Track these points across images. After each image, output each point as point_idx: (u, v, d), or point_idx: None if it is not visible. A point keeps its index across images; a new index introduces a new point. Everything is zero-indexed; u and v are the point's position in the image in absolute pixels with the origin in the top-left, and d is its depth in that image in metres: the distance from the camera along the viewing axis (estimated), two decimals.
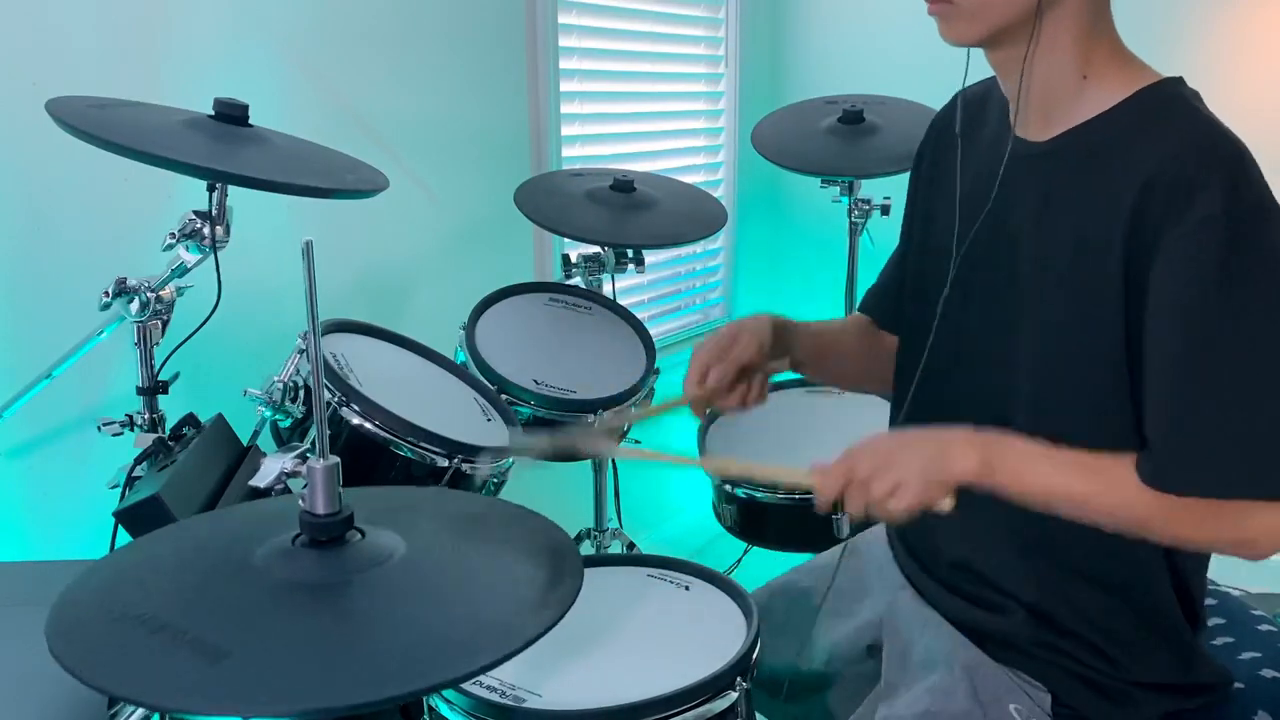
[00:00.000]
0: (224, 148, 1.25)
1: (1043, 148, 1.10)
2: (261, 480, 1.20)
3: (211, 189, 1.30)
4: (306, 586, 0.81)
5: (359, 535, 0.85)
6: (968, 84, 1.22)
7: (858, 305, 1.45)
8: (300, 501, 0.84)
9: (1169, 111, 1.03)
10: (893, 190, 2.37)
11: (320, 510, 0.84)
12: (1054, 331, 1.08)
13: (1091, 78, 1.06)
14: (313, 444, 1.26)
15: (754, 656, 1.15)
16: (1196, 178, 0.96)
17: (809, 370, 1.38)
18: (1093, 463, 1.02)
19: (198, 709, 0.71)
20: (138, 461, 1.31)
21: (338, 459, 0.85)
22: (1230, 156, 0.98)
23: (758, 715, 1.25)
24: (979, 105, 1.23)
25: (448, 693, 1.11)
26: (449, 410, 1.59)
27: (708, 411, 1.28)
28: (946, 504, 1.02)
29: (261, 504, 1.18)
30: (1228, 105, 1.09)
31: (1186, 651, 1.13)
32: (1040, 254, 1.09)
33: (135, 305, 1.34)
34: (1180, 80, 1.07)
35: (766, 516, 1.82)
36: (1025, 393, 1.11)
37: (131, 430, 1.39)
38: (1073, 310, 1.06)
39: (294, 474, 1.21)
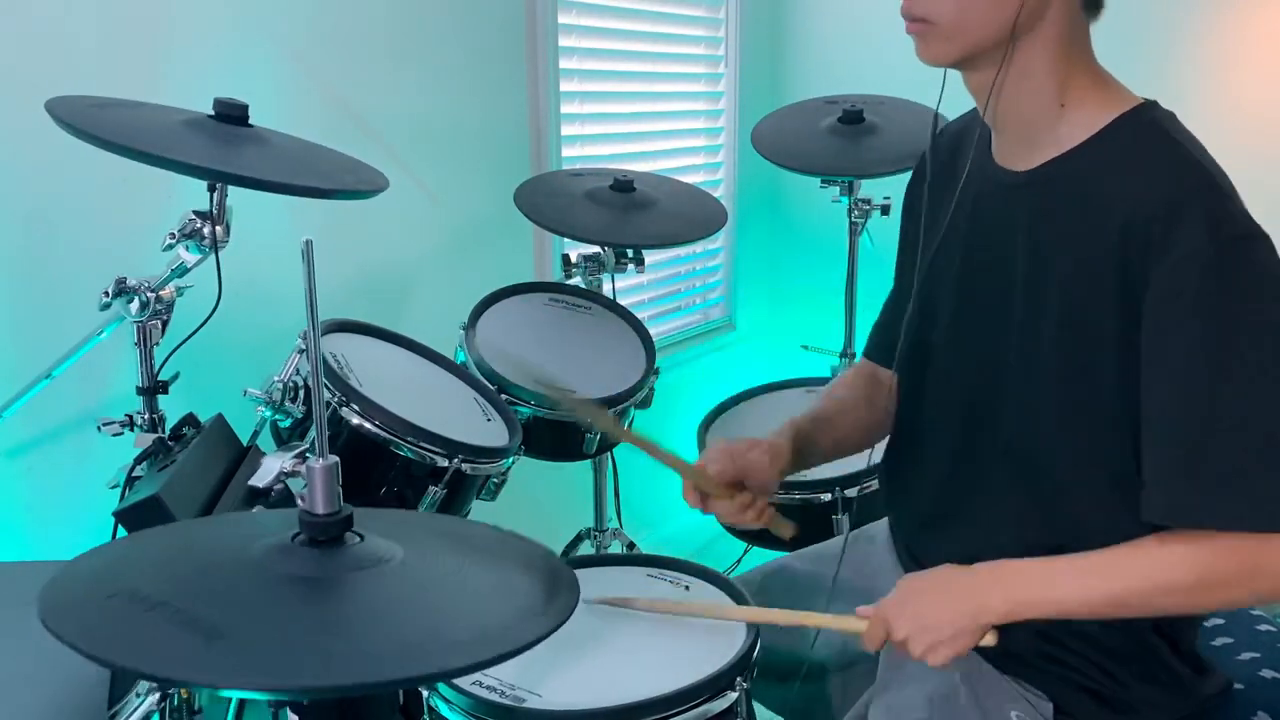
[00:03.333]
0: (224, 148, 1.25)
1: (1024, 178, 1.10)
2: (260, 479, 1.20)
3: (212, 189, 1.30)
4: (304, 579, 0.81)
5: (358, 538, 0.85)
6: (942, 110, 1.22)
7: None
8: (299, 501, 0.84)
9: (1144, 143, 1.03)
10: (893, 190, 2.37)
11: (319, 510, 0.84)
12: (1043, 365, 1.08)
13: (1069, 105, 1.07)
14: (312, 443, 1.26)
15: (754, 656, 1.15)
16: (1174, 215, 0.96)
17: (826, 460, 1.39)
18: (1117, 556, 1.02)
19: (193, 679, 0.72)
20: (138, 461, 1.31)
21: (337, 458, 0.85)
22: (1206, 188, 0.98)
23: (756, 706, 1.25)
24: (957, 139, 1.23)
25: (448, 692, 1.11)
26: (449, 410, 1.59)
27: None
28: (989, 640, 1.05)
29: (260, 512, 1.18)
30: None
31: (1185, 678, 1.13)
32: (1030, 288, 1.09)
33: (135, 305, 1.34)
34: (1154, 104, 1.07)
35: None
36: (1010, 429, 1.12)
37: (131, 430, 1.39)
38: (1064, 349, 1.06)
39: (293, 473, 1.21)
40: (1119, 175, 1.02)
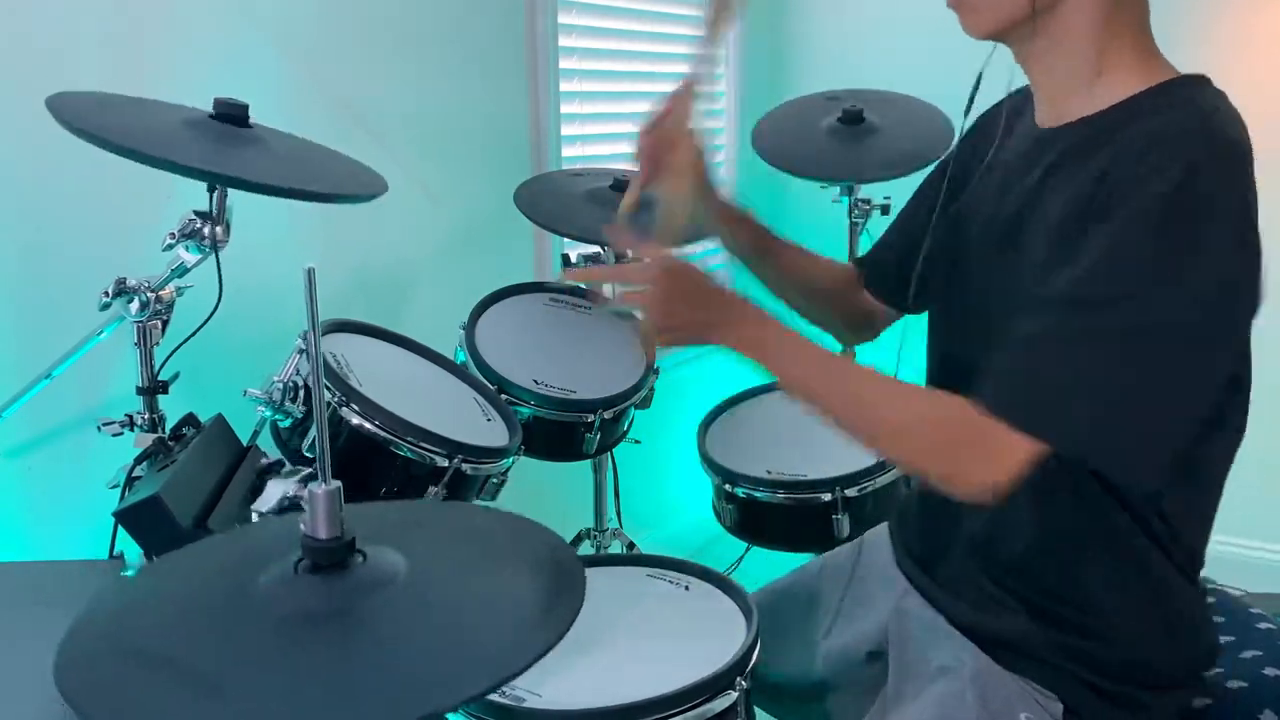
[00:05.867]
0: (224, 149, 1.25)
1: (1049, 134, 1.11)
2: (263, 505, 1.19)
3: (212, 190, 1.30)
4: (308, 617, 0.80)
5: (361, 558, 0.85)
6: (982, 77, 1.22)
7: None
8: (302, 526, 0.84)
9: (1167, 103, 1.02)
10: (893, 190, 2.37)
11: (322, 535, 0.83)
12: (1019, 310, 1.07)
13: (1106, 74, 1.06)
14: (315, 468, 1.25)
15: (753, 656, 1.15)
16: (1161, 159, 0.95)
17: (774, 287, 1.49)
18: (871, 371, 1.07)
19: None
20: (138, 461, 1.31)
21: (339, 484, 0.84)
22: (1205, 144, 0.96)
23: (759, 718, 1.25)
24: (1026, 99, 1.23)
25: None
26: (449, 410, 1.59)
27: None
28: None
29: (266, 524, 1.17)
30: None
31: (1189, 672, 1.13)
32: (1033, 232, 1.09)
33: (135, 305, 1.34)
34: (1200, 79, 1.05)
35: (766, 516, 1.82)
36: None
37: (131, 430, 1.39)
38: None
39: (296, 498, 1.20)
40: (1130, 128, 1.00)
